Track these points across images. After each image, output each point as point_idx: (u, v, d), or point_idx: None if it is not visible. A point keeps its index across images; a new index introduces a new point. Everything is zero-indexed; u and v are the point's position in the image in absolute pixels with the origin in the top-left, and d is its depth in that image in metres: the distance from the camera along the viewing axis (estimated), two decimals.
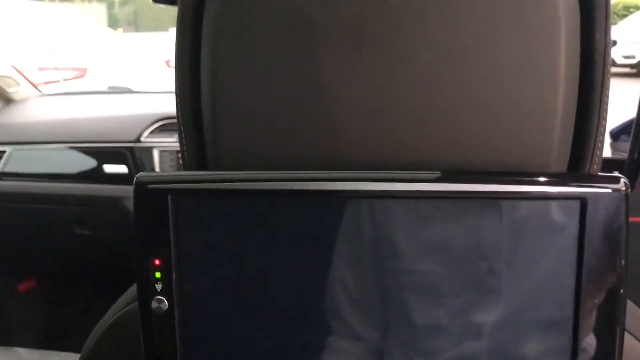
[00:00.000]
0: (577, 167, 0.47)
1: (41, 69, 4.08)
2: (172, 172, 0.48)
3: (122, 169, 1.71)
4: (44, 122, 1.86)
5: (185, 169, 0.49)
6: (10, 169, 1.78)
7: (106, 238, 1.80)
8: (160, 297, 0.42)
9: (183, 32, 0.47)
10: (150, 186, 0.41)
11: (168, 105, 1.94)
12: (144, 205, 0.41)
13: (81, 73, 5.25)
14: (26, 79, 2.13)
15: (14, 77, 2.08)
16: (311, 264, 0.42)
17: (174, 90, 0.49)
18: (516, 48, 0.42)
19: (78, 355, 1.39)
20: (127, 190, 1.70)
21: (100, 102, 2.09)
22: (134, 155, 1.70)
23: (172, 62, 0.49)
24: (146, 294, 0.42)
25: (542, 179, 0.41)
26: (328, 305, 0.44)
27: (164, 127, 1.74)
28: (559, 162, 0.45)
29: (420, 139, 0.43)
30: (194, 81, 0.46)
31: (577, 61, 0.45)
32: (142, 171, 1.68)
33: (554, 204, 0.41)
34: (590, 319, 0.42)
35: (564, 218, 0.41)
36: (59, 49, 5.49)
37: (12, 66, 2.11)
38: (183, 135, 0.47)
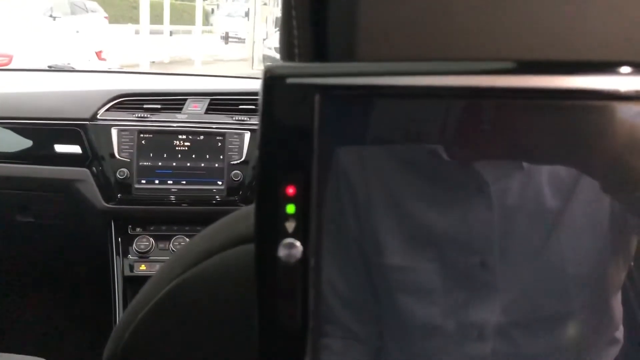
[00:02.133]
0: None
1: None
2: (313, 64, 0.34)
3: (74, 149, 1.53)
4: None
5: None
6: None
7: (54, 226, 1.61)
8: (291, 240, 0.29)
9: None
10: (289, 80, 0.28)
11: (125, 83, 1.78)
12: (276, 108, 0.29)
13: (6, 59, 4.92)
14: None
15: None
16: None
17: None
18: None
19: (21, 356, 1.23)
20: (79, 173, 1.52)
21: (42, 80, 1.89)
22: (88, 133, 1.53)
23: (103, 54, 0.37)
24: (272, 235, 0.29)
25: None
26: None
27: (122, 104, 1.57)
28: None
29: None
30: None
31: None
32: (97, 151, 1.52)
33: None
34: None
35: None
36: None
37: None
38: (294, 24, 0.35)
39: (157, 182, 1.53)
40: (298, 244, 0.29)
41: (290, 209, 0.29)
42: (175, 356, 0.46)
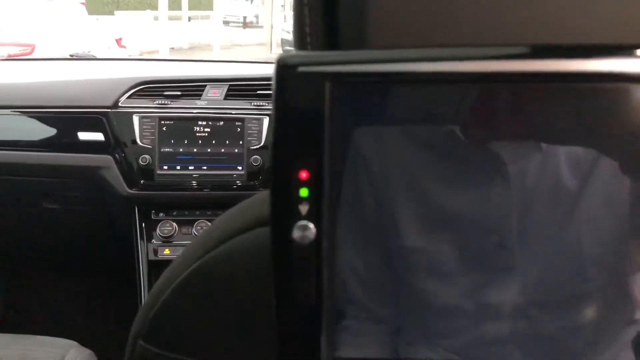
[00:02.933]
0: None
1: None
2: (323, 52, 0.36)
3: (97, 136, 1.56)
4: (4, 85, 1.68)
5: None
6: None
7: (79, 212, 1.64)
8: (305, 222, 0.31)
9: None
10: (300, 69, 0.30)
11: (145, 70, 1.80)
12: (289, 96, 0.30)
13: (28, 49, 4.97)
14: None
15: None
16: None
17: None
18: None
19: (51, 338, 1.26)
20: (103, 160, 1.55)
21: (65, 69, 1.92)
22: (110, 121, 1.55)
23: (123, 42, 0.38)
24: (286, 217, 0.31)
25: None
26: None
27: (143, 91, 1.60)
28: None
29: None
30: None
31: None
32: (120, 139, 1.55)
33: None
34: None
35: None
36: (3, 24, 5.21)
37: None
38: (306, 13, 0.36)
39: (178, 167, 1.56)
40: (312, 225, 0.31)
41: (304, 192, 0.31)
42: (197, 335, 0.48)
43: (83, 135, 1.56)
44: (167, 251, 1.57)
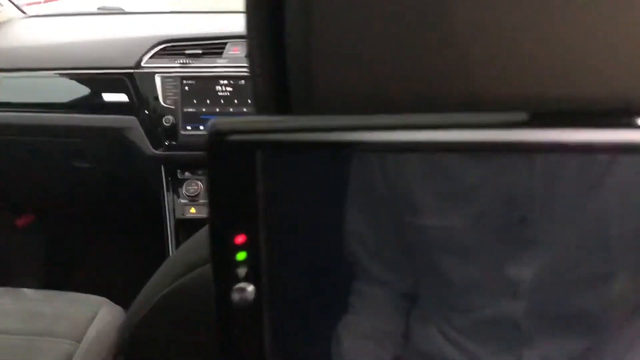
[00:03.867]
0: None
1: None
2: (257, 117, 0.36)
3: (121, 97, 1.58)
4: (33, 46, 1.70)
5: (258, 113, 0.37)
6: None
7: (107, 171, 1.69)
8: (243, 284, 0.31)
9: None
10: (231, 138, 0.30)
11: (168, 26, 1.79)
12: (221, 163, 0.30)
13: None
14: None
15: None
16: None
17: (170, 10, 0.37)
18: None
19: (84, 295, 1.32)
20: (127, 121, 1.58)
21: (91, 24, 1.92)
22: (134, 82, 1.57)
23: None
24: (225, 280, 0.31)
25: None
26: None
27: (165, 50, 1.60)
28: None
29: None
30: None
31: None
32: (144, 99, 1.56)
33: None
34: None
35: None
36: None
37: None
38: (257, 72, 0.36)
39: (202, 127, 1.57)
40: (251, 288, 0.31)
41: (241, 256, 0.31)
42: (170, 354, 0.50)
43: (108, 97, 1.58)
44: (192, 210, 1.60)
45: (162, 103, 1.55)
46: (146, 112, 1.56)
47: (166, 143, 1.57)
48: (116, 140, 1.60)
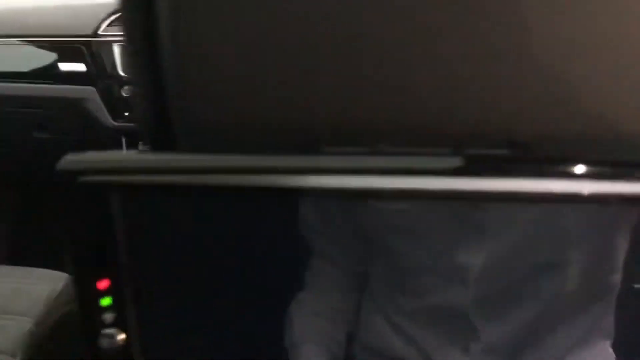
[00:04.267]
0: None
1: None
2: (112, 154, 0.33)
3: (79, 67, 1.53)
4: None
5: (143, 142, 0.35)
6: None
7: (70, 142, 1.65)
8: (111, 330, 0.30)
9: None
10: (83, 179, 0.27)
11: None
12: (75, 205, 0.28)
13: None
14: None
15: None
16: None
17: None
18: None
19: (46, 271, 1.30)
20: (85, 91, 1.54)
21: None
22: (91, 50, 1.52)
23: None
24: (92, 327, 0.30)
25: None
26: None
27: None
28: None
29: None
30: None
31: None
32: (102, 69, 1.51)
33: None
34: None
35: None
36: None
37: None
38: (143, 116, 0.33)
39: None
40: (118, 333, 0.30)
41: (106, 301, 0.29)
42: None
43: (64, 66, 1.54)
44: None
45: (121, 73, 1.51)
46: (105, 82, 1.52)
47: (126, 114, 1.53)
48: (76, 111, 1.56)
